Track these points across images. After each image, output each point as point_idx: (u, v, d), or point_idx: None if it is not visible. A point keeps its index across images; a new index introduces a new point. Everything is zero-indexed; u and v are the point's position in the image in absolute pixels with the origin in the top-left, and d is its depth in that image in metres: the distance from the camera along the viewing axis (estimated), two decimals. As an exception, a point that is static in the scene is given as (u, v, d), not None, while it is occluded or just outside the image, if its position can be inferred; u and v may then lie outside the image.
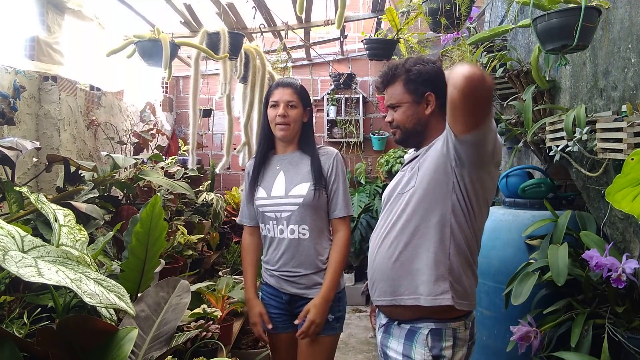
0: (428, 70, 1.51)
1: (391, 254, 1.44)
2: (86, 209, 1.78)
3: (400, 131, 1.55)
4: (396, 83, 1.53)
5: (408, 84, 1.51)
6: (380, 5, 3.50)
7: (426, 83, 1.49)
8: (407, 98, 1.52)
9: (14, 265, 0.73)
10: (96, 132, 3.05)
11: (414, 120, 1.52)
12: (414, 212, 1.42)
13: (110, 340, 0.91)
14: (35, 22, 2.58)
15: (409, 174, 1.51)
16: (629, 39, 1.64)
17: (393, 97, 1.54)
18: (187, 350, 1.71)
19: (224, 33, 2.38)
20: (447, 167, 1.39)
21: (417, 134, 1.54)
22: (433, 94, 1.49)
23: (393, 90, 1.54)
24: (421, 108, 1.51)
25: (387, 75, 1.56)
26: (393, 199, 1.53)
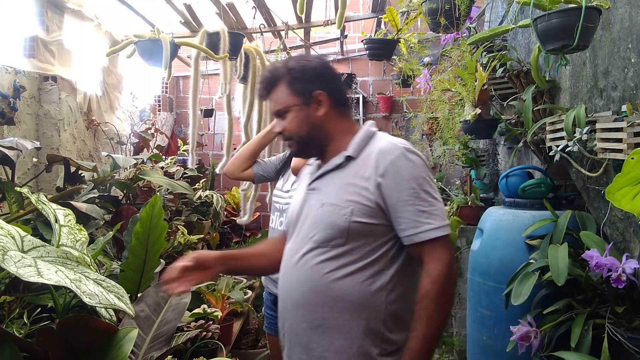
0: (313, 66, 1.34)
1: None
2: (86, 209, 1.78)
3: (294, 141, 1.35)
4: (279, 86, 1.33)
5: (293, 84, 1.32)
6: (380, 5, 3.50)
7: (313, 80, 1.32)
8: (294, 100, 1.32)
9: (13, 265, 0.73)
10: (96, 132, 3.05)
11: (308, 125, 1.32)
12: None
13: (110, 340, 0.91)
14: (34, 21, 2.58)
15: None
16: (629, 39, 1.64)
17: (278, 102, 1.34)
18: (187, 350, 1.71)
19: (224, 33, 2.38)
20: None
21: (315, 141, 1.34)
22: (323, 91, 1.32)
23: (277, 94, 1.34)
24: (312, 110, 1.32)
25: (268, 79, 1.36)
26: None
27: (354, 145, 1.31)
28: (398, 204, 1.21)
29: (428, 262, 1.20)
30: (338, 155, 1.32)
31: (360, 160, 1.28)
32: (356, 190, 1.24)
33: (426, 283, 1.19)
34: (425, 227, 1.19)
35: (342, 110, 1.37)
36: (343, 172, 1.29)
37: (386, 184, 1.22)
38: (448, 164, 3.76)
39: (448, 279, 1.20)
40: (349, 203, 1.23)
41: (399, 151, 1.25)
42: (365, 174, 1.25)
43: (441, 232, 1.20)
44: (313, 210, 1.30)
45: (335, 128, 1.35)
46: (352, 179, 1.26)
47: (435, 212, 1.22)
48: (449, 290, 1.21)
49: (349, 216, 1.22)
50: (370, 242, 1.24)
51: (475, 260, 2.22)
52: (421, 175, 1.24)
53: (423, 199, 1.22)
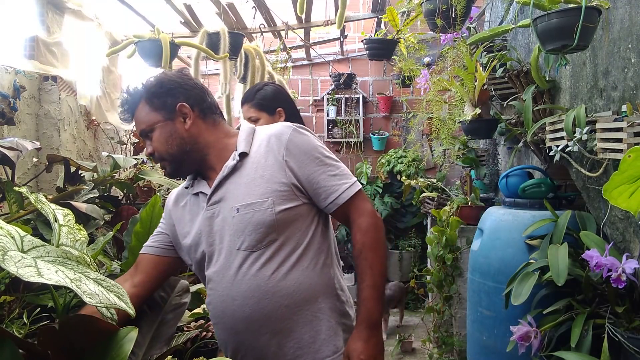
0: (169, 78, 1.29)
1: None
2: (86, 209, 1.78)
3: (167, 161, 1.28)
4: (140, 105, 1.28)
5: (152, 100, 1.26)
6: (380, 5, 3.50)
7: (172, 93, 1.27)
8: (156, 117, 1.26)
9: (13, 265, 0.73)
10: (96, 132, 3.05)
11: (176, 140, 1.26)
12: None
13: (110, 340, 0.91)
14: (35, 22, 2.58)
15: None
16: (629, 39, 1.64)
17: (142, 121, 1.28)
18: (187, 350, 1.71)
19: (224, 33, 2.38)
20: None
21: (190, 155, 1.28)
22: (186, 103, 1.27)
23: (139, 114, 1.28)
24: (178, 123, 1.26)
25: (127, 101, 1.30)
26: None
27: (243, 142, 1.28)
28: (311, 176, 1.24)
29: (355, 217, 1.26)
30: (229, 158, 1.28)
31: (254, 153, 1.26)
32: (267, 180, 1.22)
33: (359, 237, 1.24)
34: (343, 188, 1.25)
35: (211, 119, 1.32)
36: (243, 171, 1.25)
37: (292, 161, 1.23)
38: (447, 164, 3.77)
39: (377, 227, 1.26)
40: (267, 194, 1.20)
41: (290, 129, 1.26)
42: (269, 162, 1.23)
43: (356, 187, 1.27)
44: (228, 221, 1.23)
45: (210, 136, 1.30)
46: (257, 172, 1.23)
47: (344, 172, 1.28)
48: (381, 237, 1.27)
49: (272, 208, 1.19)
50: (299, 226, 1.24)
51: (475, 260, 2.23)
52: (317, 144, 1.27)
53: (329, 164, 1.26)
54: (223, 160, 1.28)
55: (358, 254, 1.24)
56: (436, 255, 3.08)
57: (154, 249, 1.37)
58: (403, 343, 3.62)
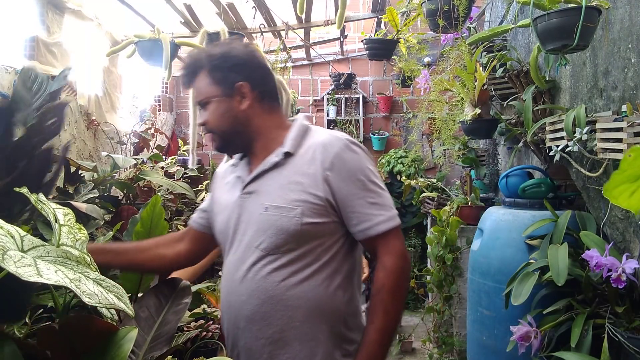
0: (236, 54, 1.23)
1: None
2: (86, 209, 1.78)
3: (217, 135, 1.26)
4: (201, 74, 1.24)
5: (213, 72, 1.22)
6: (380, 5, 3.51)
7: (235, 70, 1.22)
8: (214, 91, 1.22)
9: (13, 265, 0.73)
10: (96, 132, 3.05)
11: (230, 118, 1.23)
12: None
13: (110, 340, 0.91)
14: (35, 22, 2.58)
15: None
16: (629, 39, 1.64)
17: (199, 92, 1.25)
18: (187, 350, 1.71)
19: (224, 33, 2.38)
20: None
21: (239, 136, 1.25)
22: (246, 83, 1.22)
23: (198, 83, 1.25)
24: (235, 102, 1.22)
25: (189, 66, 1.26)
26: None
27: (291, 141, 1.22)
28: (348, 198, 1.16)
29: (382, 254, 1.17)
30: (273, 152, 1.22)
31: (299, 157, 1.20)
32: (302, 189, 1.16)
33: (382, 276, 1.16)
34: (378, 219, 1.15)
35: (269, 104, 1.27)
36: (283, 171, 1.20)
37: (334, 177, 1.16)
38: (447, 164, 3.77)
39: (403, 271, 1.17)
40: (297, 203, 1.15)
41: (341, 143, 1.19)
42: (310, 170, 1.17)
43: (393, 223, 1.17)
44: (255, 216, 1.19)
45: (263, 123, 1.25)
46: (295, 177, 1.18)
47: (385, 202, 1.18)
48: (404, 282, 1.19)
49: (299, 218, 1.14)
50: (322, 242, 1.17)
51: (475, 260, 2.23)
52: (366, 166, 1.19)
53: (372, 191, 1.17)
54: (268, 152, 1.24)
55: (376, 292, 1.16)
56: (436, 255, 3.08)
57: (199, 224, 1.42)
58: (403, 343, 3.62)
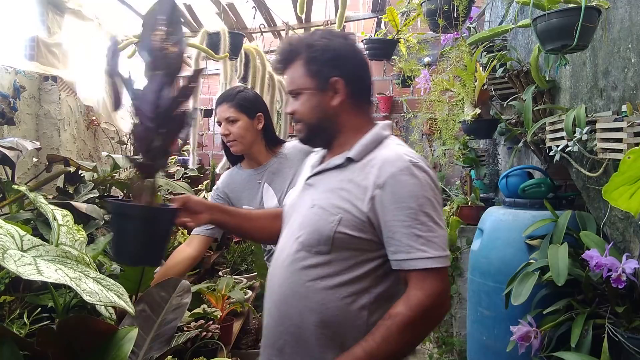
0: (335, 47, 1.18)
1: None
2: (86, 209, 1.78)
3: (304, 127, 1.22)
4: (296, 63, 1.19)
5: (310, 64, 1.17)
6: (380, 5, 3.50)
7: (332, 64, 1.17)
8: (308, 83, 1.18)
9: (13, 263, 0.73)
10: (96, 132, 3.05)
11: (319, 112, 1.19)
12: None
13: (110, 340, 0.91)
14: (35, 22, 2.58)
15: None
16: (629, 39, 1.64)
17: (292, 81, 1.21)
18: (187, 350, 1.71)
19: (224, 33, 2.38)
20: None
21: (324, 132, 1.22)
22: (341, 79, 1.17)
23: (292, 72, 1.20)
24: (327, 97, 1.18)
25: (285, 53, 1.22)
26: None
27: (359, 147, 1.18)
28: (391, 223, 1.08)
29: (412, 288, 1.06)
30: (340, 154, 1.20)
31: (360, 165, 1.16)
32: (349, 198, 1.12)
33: (400, 305, 1.06)
34: (418, 255, 1.05)
35: (360, 103, 1.23)
36: (340, 174, 1.17)
37: (382, 198, 1.09)
38: (448, 164, 3.77)
39: (427, 313, 1.05)
40: (339, 210, 1.12)
41: (403, 164, 1.10)
42: (363, 182, 1.12)
43: (436, 263, 1.05)
44: (304, 209, 1.20)
45: (348, 122, 1.21)
46: (347, 184, 1.14)
47: (434, 239, 1.07)
48: (422, 326, 1.06)
49: (335, 225, 1.11)
50: (355, 255, 1.12)
51: (475, 260, 2.23)
52: (424, 194, 1.08)
53: (421, 222, 1.06)
54: (339, 151, 1.21)
55: (386, 317, 1.06)
56: (436, 255, 3.07)
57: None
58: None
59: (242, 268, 3.46)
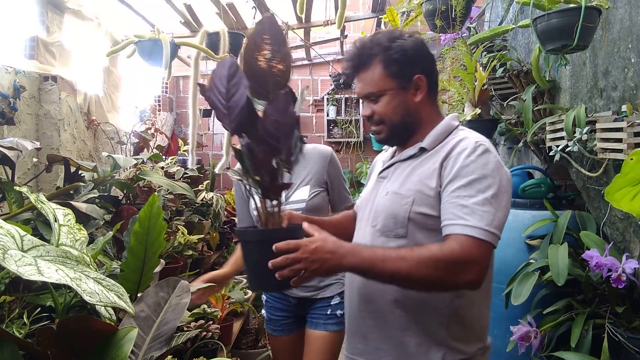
0: (412, 46, 1.20)
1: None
2: (86, 209, 1.78)
3: (386, 127, 1.23)
4: (372, 66, 1.20)
5: (390, 66, 1.19)
6: (380, 5, 3.50)
7: (414, 63, 1.20)
8: (390, 84, 1.19)
9: (13, 264, 0.73)
10: (96, 132, 3.05)
11: (402, 111, 1.21)
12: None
13: (109, 340, 0.91)
14: (35, 22, 2.58)
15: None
16: (629, 39, 1.64)
17: (371, 84, 1.21)
18: (187, 350, 1.71)
19: (224, 33, 2.38)
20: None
21: (407, 128, 1.24)
22: (423, 75, 1.21)
23: (370, 75, 1.20)
24: (410, 95, 1.21)
25: (359, 57, 1.22)
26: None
27: (432, 138, 1.22)
28: (445, 193, 1.10)
29: (449, 241, 1.05)
30: (413, 146, 1.24)
31: (433, 153, 1.20)
32: (420, 179, 1.16)
33: (434, 245, 1.06)
34: (459, 222, 1.05)
35: (434, 97, 1.27)
36: (413, 163, 1.22)
37: (444, 171, 1.13)
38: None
39: (453, 264, 1.02)
40: (411, 192, 1.16)
41: (468, 143, 1.14)
42: (433, 165, 1.16)
43: (475, 232, 1.03)
44: (379, 198, 1.24)
45: (426, 116, 1.24)
46: (420, 169, 1.19)
47: (479, 211, 1.05)
48: (443, 271, 1.03)
49: (409, 206, 1.14)
50: (431, 236, 1.13)
51: (475, 260, 2.22)
52: (482, 173, 1.08)
53: (470, 195, 1.07)
54: (413, 143, 1.25)
55: (418, 247, 1.09)
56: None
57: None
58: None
59: (242, 268, 3.46)
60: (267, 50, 0.99)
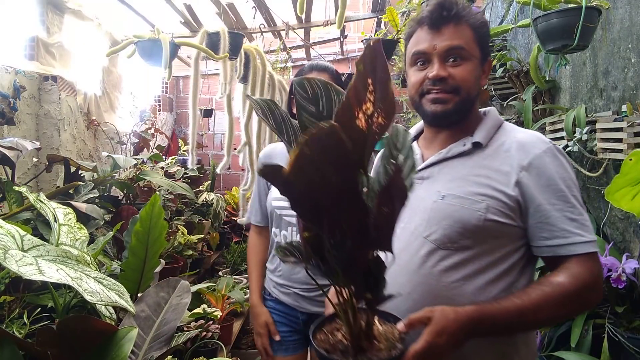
0: (487, 25, 1.11)
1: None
2: (86, 209, 1.78)
3: (458, 97, 1.07)
4: (463, 25, 1.07)
5: (478, 35, 1.08)
6: (380, 6, 3.50)
7: (488, 43, 1.11)
8: (477, 53, 1.08)
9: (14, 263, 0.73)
10: (96, 132, 3.05)
11: (477, 87, 1.10)
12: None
13: (110, 340, 0.91)
14: (35, 22, 2.58)
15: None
16: (629, 39, 1.64)
17: (461, 38, 1.06)
18: (187, 350, 1.71)
19: (224, 33, 2.38)
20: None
21: (469, 109, 1.11)
22: (490, 59, 1.14)
23: (460, 32, 1.06)
24: (481, 75, 1.11)
25: (455, 6, 1.07)
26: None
27: (484, 132, 1.10)
28: (544, 207, 1.00)
29: (573, 267, 0.97)
30: (459, 140, 1.11)
31: (491, 150, 1.08)
32: (490, 184, 1.03)
33: (563, 276, 0.96)
34: (577, 239, 0.99)
35: (484, 83, 1.16)
36: (468, 161, 1.08)
37: (530, 181, 1.02)
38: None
39: (586, 293, 0.96)
40: (483, 197, 1.02)
41: (545, 146, 1.05)
42: (502, 167, 1.04)
43: (592, 247, 0.99)
44: (428, 203, 1.07)
45: (475, 106, 1.13)
46: (482, 171, 1.05)
47: (586, 222, 1.01)
48: (577, 304, 0.97)
49: (483, 213, 1.01)
50: (501, 246, 1.03)
51: (475, 260, 2.22)
52: (569, 177, 1.04)
53: (572, 205, 1.01)
54: (454, 138, 1.12)
55: (544, 284, 0.96)
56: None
57: None
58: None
59: (242, 268, 3.46)
60: (370, 102, 0.68)
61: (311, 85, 0.77)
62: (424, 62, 1.09)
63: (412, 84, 1.12)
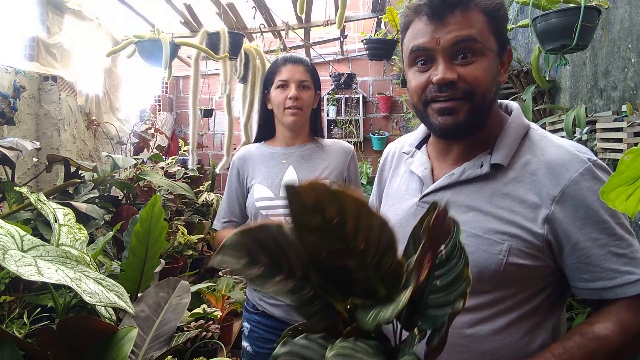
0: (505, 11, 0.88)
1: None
2: (86, 209, 1.78)
3: (470, 103, 0.85)
4: (472, 10, 0.84)
5: (493, 22, 0.86)
6: (380, 5, 3.51)
7: (505, 28, 0.88)
8: (492, 44, 0.86)
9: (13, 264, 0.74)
10: (96, 132, 3.05)
11: (494, 88, 0.87)
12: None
13: (110, 340, 0.91)
14: (35, 22, 2.59)
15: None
16: (629, 39, 1.64)
17: (472, 27, 0.83)
18: (187, 350, 1.72)
19: (224, 33, 2.38)
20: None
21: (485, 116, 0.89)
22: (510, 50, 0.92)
23: (469, 20, 0.84)
24: (501, 68, 0.89)
25: None
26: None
27: (505, 148, 0.88)
28: (583, 245, 0.82)
29: (622, 311, 0.82)
30: (476, 158, 0.90)
31: (514, 173, 0.87)
32: (513, 219, 0.85)
33: (610, 327, 0.81)
34: (625, 279, 0.81)
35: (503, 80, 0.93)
36: (486, 188, 0.88)
37: (563, 215, 0.83)
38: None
39: (635, 339, 0.81)
40: (504, 237, 0.84)
41: (582, 167, 0.84)
42: (527, 197, 0.85)
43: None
44: None
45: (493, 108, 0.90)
46: (505, 202, 0.86)
47: (636, 254, 0.83)
48: (629, 356, 0.83)
49: (504, 256, 0.83)
50: (524, 289, 0.87)
51: (475, 260, 2.22)
52: None
53: (619, 237, 0.82)
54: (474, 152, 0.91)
55: (589, 337, 0.80)
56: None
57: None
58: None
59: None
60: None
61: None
62: (425, 61, 0.88)
63: (413, 90, 0.90)
